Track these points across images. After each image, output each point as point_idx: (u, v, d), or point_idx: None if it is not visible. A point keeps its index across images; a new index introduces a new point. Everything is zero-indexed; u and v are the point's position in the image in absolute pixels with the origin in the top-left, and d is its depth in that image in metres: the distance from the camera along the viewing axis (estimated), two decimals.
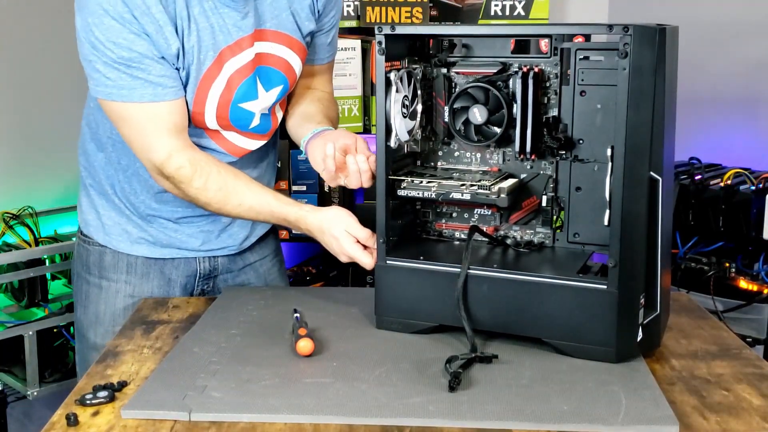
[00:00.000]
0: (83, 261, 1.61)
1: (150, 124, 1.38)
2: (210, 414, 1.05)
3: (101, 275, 1.59)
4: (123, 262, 1.58)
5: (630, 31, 1.12)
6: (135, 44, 1.33)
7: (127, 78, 1.34)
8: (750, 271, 2.37)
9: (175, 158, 1.38)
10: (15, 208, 2.59)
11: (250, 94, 1.47)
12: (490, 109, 1.31)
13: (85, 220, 1.61)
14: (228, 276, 1.66)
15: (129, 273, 1.58)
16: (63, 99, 2.91)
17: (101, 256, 1.59)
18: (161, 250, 1.58)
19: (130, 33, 1.32)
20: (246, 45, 1.43)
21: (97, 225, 1.59)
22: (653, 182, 1.17)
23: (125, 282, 1.58)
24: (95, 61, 1.36)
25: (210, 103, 1.44)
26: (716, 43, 2.88)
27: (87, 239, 1.61)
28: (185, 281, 1.62)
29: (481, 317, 1.27)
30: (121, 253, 1.58)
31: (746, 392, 1.13)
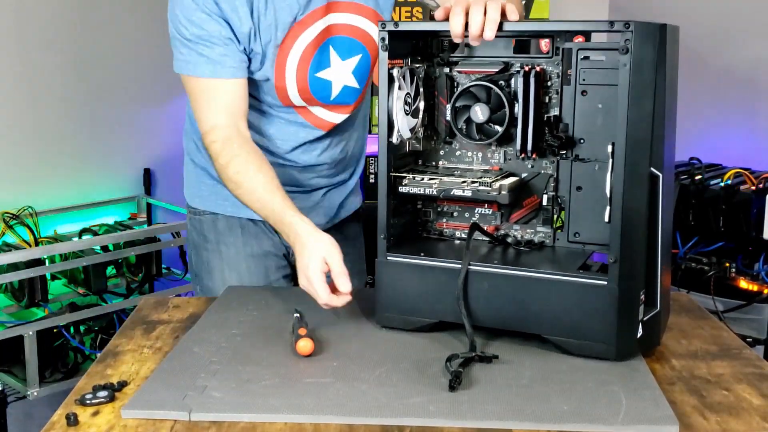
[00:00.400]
0: (198, 231, 1.69)
1: (203, 97, 1.47)
2: (210, 414, 1.05)
3: (218, 240, 1.66)
4: (236, 224, 1.65)
5: (631, 27, 1.12)
6: (206, 24, 1.43)
7: (194, 54, 1.45)
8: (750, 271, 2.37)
9: (213, 133, 1.46)
10: (15, 208, 2.59)
11: (324, 62, 1.54)
12: (491, 108, 1.31)
13: (192, 194, 1.71)
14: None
15: (244, 234, 1.65)
16: (63, 99, 2.91)
17: (214, 223, 1.66)
18: None
19: (203, 13, 1.42)
20: (318, 16, 1.49)
21: (203, 195, 1.67)
22: (654, 178, 1.17)
23: (243, 243, 1.65)
24: (174, 37, 1.47)
25: (289, 77, 1.51)
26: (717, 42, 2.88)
27: (197, 211, 1.69)
28: None
29: (481, 314, 1.26)
30: (232, 217, 1.65)
31: (746, 392, 1.13)
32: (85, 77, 2.97)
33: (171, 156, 3.20)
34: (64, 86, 2.91)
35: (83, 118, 2.98)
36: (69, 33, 2.91)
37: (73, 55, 2.93)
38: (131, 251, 2.66)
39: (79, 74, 2.95)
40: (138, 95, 3.13)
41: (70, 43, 2.91)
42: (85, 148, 3.00)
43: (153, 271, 2.75)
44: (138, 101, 3.14)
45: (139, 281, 2.73)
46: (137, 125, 3.15)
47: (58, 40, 2.88)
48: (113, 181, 3.10)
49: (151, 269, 2.74)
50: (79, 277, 2.61)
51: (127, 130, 3.12)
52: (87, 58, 2.96)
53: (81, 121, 2.97)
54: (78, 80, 2.95)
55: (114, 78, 3.05)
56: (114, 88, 3.06)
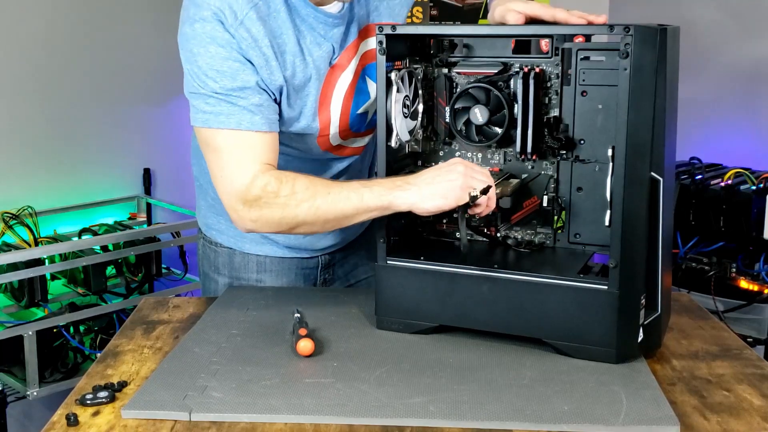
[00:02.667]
0: (211, 262, 1.65)
1: (239, 151, 1.34)
2: (210, 414, 1.05)
3: (231, 275, 1.62)
4: (253, 262, 1.61)
5: (631, 31, 1.12)
6: (238, 72, 1.31)
7: (225, 104, 1.32)
8: (751, 271, 2.37)
9: (260, 178, 1.32)
10: (15, 208, 2.59)
11: (364, 96, 1.47)
12: (491, 110, 1.31)
13: (207, 224, 1.64)
14: (343, 262, 1.69)
15: (259, 272, 1.62)
16: (64, 99, 2.92)
17: (230, 258, 1.62)
18: (285, 251, 1.61)
19: (233, 61, 1.31)
20: (353, 51, 1.43)
21: (220, 228, 1.62)
22: (654, 182, 1.17)
23: (256, 281, 1.62)
24: (198, 92, 1.33)
25: (333, 122, 1.45)
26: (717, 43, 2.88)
27: (212, 242, 1.64)
28: (309, 273, 1.65)
29: (481, 317, 1.26)
30: (251, 254, 1.61)
31: (747, 392, 1.13)
32: (85, 77, 2.97)
33: (171, 156, 3.20)
34: (64, 86, 2.91)
35: (83, 118, 2.98)
36: (69, 33, 2.91)
37: (74, 55, 2.93)
38: (131, 251, 2.66)
39: (79, 74, 2.95)
40: (138, 95, 3.13)
41: (71, 43, 2.91)
42: (85, 148, 3.00)
43: (153, 271, 2.75)
44: (138, 101, 3.14)
45: (139, 281, 2.73)
46: (137, 125, 3.15)
47: (59, 41, 2.88)
48: (113, 181, 3.10)
49: (151, 269, 2.74)
50: (79, 277, 2.61)
51: (127, 130, 3.12)
52: (87, 59, 2.96)
53: (81, 121, 2.97)
54: (78, 80, 2.95)
55: (114, 78, 3.05)
56: (114, 88, 3.06)
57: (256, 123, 1.33)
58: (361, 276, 1.72)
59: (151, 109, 3.18)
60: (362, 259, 1.72)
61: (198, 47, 1.31)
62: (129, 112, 3.11)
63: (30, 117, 2.84)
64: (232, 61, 1.31)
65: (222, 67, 1.31)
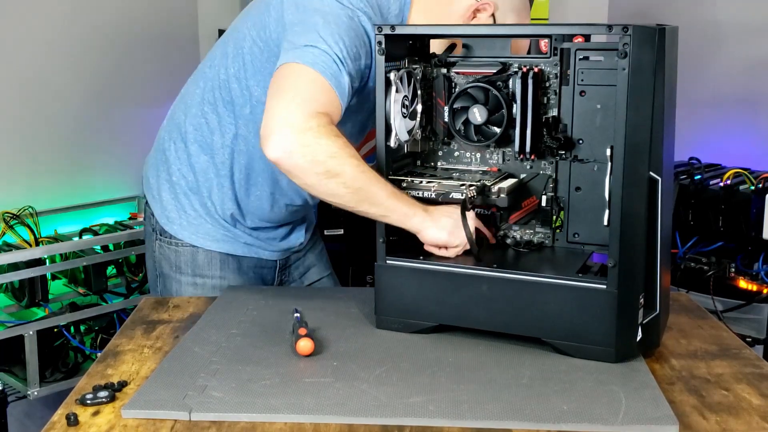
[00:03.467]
0: (171, 261, 1.64)
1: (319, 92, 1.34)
2: (210, 414, 1.05)
3: (195, 273, 1.63)
4: (216, 259, 1.62)
5: (629, 31, 1.12)
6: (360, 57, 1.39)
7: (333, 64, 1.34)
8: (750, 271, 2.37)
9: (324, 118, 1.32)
10: (15, 208, 2.59)
11: None
12: (489, 109, 1.31)
13: (169, 219, 1.63)
14: (298, 263, 1.75)
15: (223, 270, 1.63)
16: (64, 99, 2.92)
17: (193, 256, 1.62)
18: (249, 249, 1.64)
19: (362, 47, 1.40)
20: None
21: (182, 224, 1.62)
22: (653, 182, 1.17)
23: (220, 278, 1.62)
24: (316, 43, 1.35)
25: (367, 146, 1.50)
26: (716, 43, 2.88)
27: (174, 240, 1.63)
28: (266, 273, 1.69)
29: (480, 317, 1.27)
30: (214, 252, 1.62)
31: (746, 392, 1.13)
32: (85, 77, 2.97)
33: None
34: (64, 86, 2.91)
35: (83, 118, 2.98)
36: (69, 33, 2.91)
37: (74, 55, 2.93)
38: (131, 251, 2.66)
39: (80, 74, 2.95)
40: (138, 95, 3.14)
41: (71, 43, 2.91)
42: (85, 148, 3.00)
43: None
44: (138, 101, 3.14)
45: (139, 281, 2.73)
46: (137, 126, 3.15)
47: (59, 41, 2.88)
48: (113, 181, 3.10)
49: None
50: (80, 276, 2.61)
51: (127, 130, 3.12)
52: (87, 59, 2.96)
53: (81, 121, 2.97)
54: (78, 80, 2.95)
55: (114, 78, 3.05)
56: (114, 88, 3.06)
57: (345, 98, 1.36)
58: (314, 278, 1.77)
59: (151, 110, 3.18)
60: (314, 261, 1.78)
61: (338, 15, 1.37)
62: (130, 113, 3.12)
63: (30, 117, 2.84)
64: (361, 41, 1.39)
65: (352, 47, 1.37)
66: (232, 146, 1.55)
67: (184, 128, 1.60)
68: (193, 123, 1.59)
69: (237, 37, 1.53)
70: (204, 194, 1.59)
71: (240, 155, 1.55)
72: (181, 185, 1.61)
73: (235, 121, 1.54)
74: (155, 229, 1.65)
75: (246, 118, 1.53)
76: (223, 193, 1.59)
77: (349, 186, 1.31)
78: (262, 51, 1.47)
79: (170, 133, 1.64)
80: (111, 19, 3.02)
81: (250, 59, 1.49)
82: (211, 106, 1.56)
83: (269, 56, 1.46)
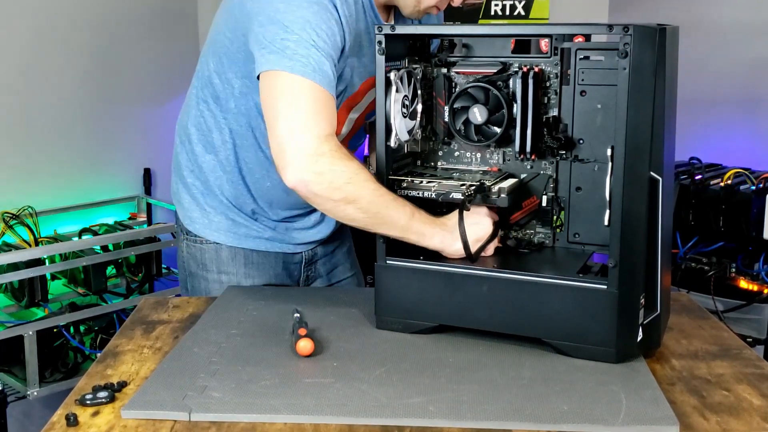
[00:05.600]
0: (197, 260, 1.64)
1: (319, 105, 1.33)
2: (210, 414, 1.05)
3: (220, 270, 1.62)
4: (240, 256, 1.62)
5: (630, 31, 1.12)
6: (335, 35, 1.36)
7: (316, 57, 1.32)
8: (750, 271, 2.37)
9: (333, 140, 1.33)
10: (15, 208, 2.59)
11: None
12: (490, 109, 1.31)
13: (191, 219, 1.63)
14: (325, 259, 1.73)
15: (247, 266, 1.62)
16: (64, 99, 2.92)
17: (218, 253, 1.62)
18: (272, 244, 1.63)
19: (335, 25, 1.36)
20: None
21: (204, 223, 1.62)
22: (653, 182, 1.17)
23: (245, 275, 1.62)
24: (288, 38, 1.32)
25: (347, 125, 1.49)
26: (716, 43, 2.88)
27: (197, 238, 1.64)
28: (293, 268, 1.67)
29: (480, 317, 1.27)
30: (237, 248, 1.61)
31: (746, 392, 1.13)
32: (85, 77, 2.97)
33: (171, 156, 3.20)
34: (64, 86, 2.91)
35: (83, 118, 2.98)
36: (69, 33, 2.91)
37: (74, 55, 2.93)
38: (131, 251, 2.67)
39: (80, 74, 2.95)
40: (138, 95, 3.14)
41: (71, 43, 2.91)
42: (85, 148, 3.00)
43: (153, 271, 2.75)
44: (138, 101, 3.14)
45: (139, 281, 2.73)
46: (137, 125, 3.15)
47: (59, 41, 2.88)
48: (113, 181, 3.10)
49: (151, 269, 2.74)
50: (79, 277, 2.61)
51: (127, 130, 3.12)
52: (87, 58, 2.96)
53: (81, 121, 2.97)
54: (78, 80, 2.95)
55: (114, 78, 3.05)
56: (114, 88, 3.06)
57: (332, 88, 1.35)
58: (340, 277, 1.76)
59: (151, 109, 3.18)
60: (341, 259, 1.76)
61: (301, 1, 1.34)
62: (129, 112, 3.12)
63: (30, 117, 2.84)
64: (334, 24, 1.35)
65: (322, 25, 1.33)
66: (231, 141, 1.55)
67: (188, 130, 1.61)
68: (194, 124, 1.59)
69: (214, 30, 1.52)
70: (217, 193, 1.59)
71: (241, 149, 1.55)
72: (197, 186, 1.61)
73: (225, 116, 1.54)
74: (182, 229, 1.67)
75: (233, 112, 1.52)
76: (235, 189, 1.58)
77: (367, 211, 1.31)
78: (231, 42, 1.46)
79: (179, 136, 1.65)
80: (111, 19, 3.02)
81: (224, 51, 1.48)
82: (204, 104, 1.56)
83: (239, 46, 1.44)
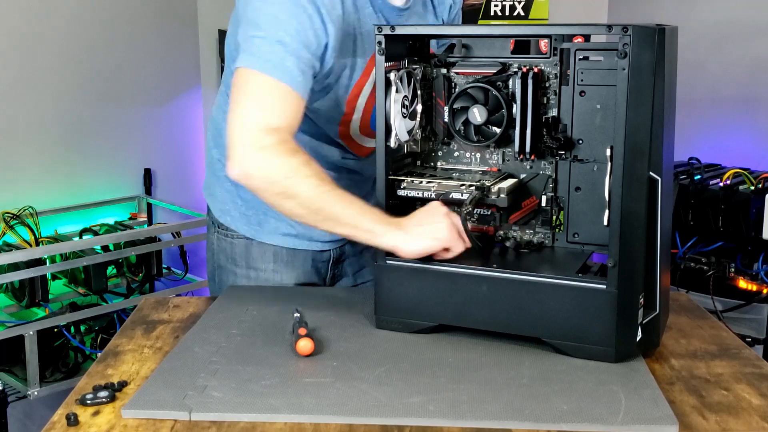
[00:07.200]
0: (227, 254, 1.64)
1: (272, 99, 1.33)
2: (210, 414, 1.05)
3: (249, 265, 1.62)
4: (269, 252, 1.61)
5: (629, 31, 1.12)
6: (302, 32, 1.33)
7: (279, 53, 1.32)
8: (749, 271, 2.37)
9: (281, 133, 1.32)
10: (15, 208, 2.59)
11: None
12: (489, 110, 1.31)
13: (224, 210, 1.63)
14: (353, 259, 1.71)
15: (276, 262, 1.62)
16: (64, 99, 2.92)
17: (247, 248, 1.62)
18: (300, 241, 1.62)
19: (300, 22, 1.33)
20: None
21: (236, 216, 1.62)
22: (653, 182, 1.17)
23: (273, 271, 1.62)
24: (255, 34, 1.33)
25: (359, 108, 1.47)
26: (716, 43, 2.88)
27: (229, 232, 1.63)
28: (320, 266, 1.66)
29: (480, 317, 1.27)
30: (267, 244, 1.61)
31: (746, 392, 1.13)
32: (85, 77, 2.97)
33: (171, 156, 3.21)
34: (64, 86, 2.92)
35: (83, 118, 2.98)
36: (69, 33, 2.91)
37: (74, 55, 2.93)
38: (131, 251, 2.67)
39: (80, 74, 2.96)
40: (138, 95, 3.14)
41: (71, 43, 2.91)
42: (85, 148, 3.00)
43: (153, 271, 2.75)
44: (139, 101, 3.14)
45: (140, 281, 2.74)
46: (138, 126, 3.15)
47: (59, 41, 2.88)
48: (113, 181, 3.11)
49: (152, 269, 2.75)
50: (80, 276, 2.61)
51: (127, 130, 3.12)
52: (87, 59, 2.96)
53: (81, 121, 2.98)
54: (78, 80, 2.95)
55: (114, 78, 3.05)
56: (114, 89, 3.06)
57: (298, 84, 1.33)
58: (367, 278, 1.74)
59: (151, 110, 3.18)
60: (369, 261, 1.73)
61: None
62: (130, 113, 3.12)
63: (30, 117, 2.84)
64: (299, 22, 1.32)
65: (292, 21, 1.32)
66: None
67: (218, 124, 1.60)
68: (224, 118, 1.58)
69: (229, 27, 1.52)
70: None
71: None
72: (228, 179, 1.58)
73: None
74: (213, 221, 1.67)
75: None
76: None
77: (308, 207, 1.32)
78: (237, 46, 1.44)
79: (210, 131, 1.65)
80: (111, 19, 3.02)
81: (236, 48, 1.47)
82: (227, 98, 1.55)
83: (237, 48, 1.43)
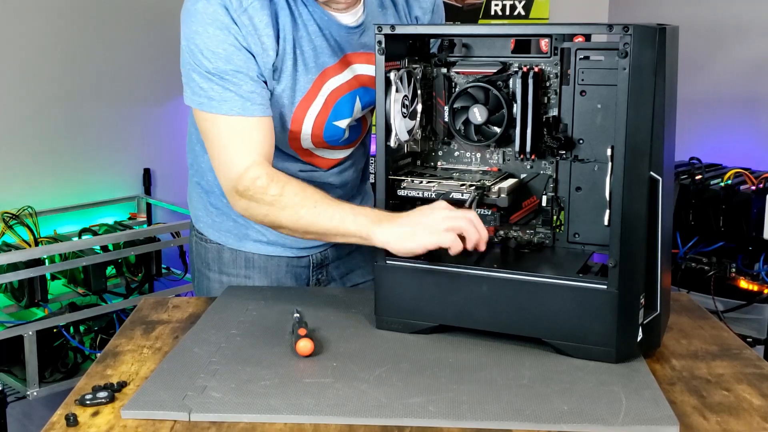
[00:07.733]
0: (202, 258, 1.65)
1: (235, 138, 1.37)
2: (210, 414, 1.05)
3: (221, 271, 1.62)
4: (241, 258, 1.61)
5: (630, 30, 1.12)
6: (233, 57, 1.34)
7: (219, 89, 1.35)
8: (750, 271, 2.37)
9: (253, 170, 1.35)
10: (15, 208, 2.59)
11: (346, 112, 1.49)
12: (490, 109, 1.31)
13: (197, 216, 1.65)
14: (339, 263, 1.69)
15: (248, 268, 1.61)
16: (63, 99, 2.92)
17: (219, 253, 1.62)
18: (274, 248, 1.61)
19: (230, 45, 1.34)
20: (347, 64, 1.46)
21: (207, 222, 1.63)
22: (653, 182, 1.17)
23: (245, 277, 1.61)
24: (192, 69, 1.37)
25: (307, 123, 1.46)
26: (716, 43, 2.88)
27: (202, 236, 1.64)
28: (300, 272, 1.64)
29: (480, 317, 1.27)
30: (239, 250, 1.61)
31: (746, 392, 1.13)
32: (85, 77, 2.97)
33: (171, 156, 3.20)
34: (64, 86, 2.92)
35: (83, 118, 2.98)
36: (69, 33, 2.91)
37: (73, 55, 2.93)
38: (131, 251, 2.67)
39: (79, 74, 2.95)
40: (138, 95, 3.14)
41: (71, 43, 2.91)
42: (85, 148, 3.00)
43: (153, 271, 2.75)
44: (138, 101, 3.14)
45: (139, 281, 2.73)
46: (137, 125, 3.15)
47: (58, 41, 2.88)
48: (113, 181, 3.10)
49: (151, 269, 2.74)
50: (79, 277, 2.61)
51: (127, 130, 3.12)
52: (87, 59, 2.96)
53: (81, 121, 2.97)
54: (78, 80, 2.95)
55: (114, 78, 3.05)
56: (114, 88, 3.06)
57: (248, 109, 1.36)
58: (357, 280, 1.72)
59: (151, 109, 3.18)
60: (359, 262, 1.71)
61: (197, 25, 1.34)
62: (129, 112, 3.12)
63: (30, 117, 2.84)
64: (229, 45, 1.33)
65: (218, 49, 1.33)
66: None
67: (190, 129, 1.61)
68: (193, 123, 1.59)
69: None
70: (217, 193, 1.58)
71: None
72: (201, 185, 1.62)
73: None
74: (193, 226, 1.67)
75: None
76: None
77: (295, 230, 1.35)
78: None
79: (189, 135, 1.64)
80: (111, 19, 3.02)
81: None
82: None
83: None
